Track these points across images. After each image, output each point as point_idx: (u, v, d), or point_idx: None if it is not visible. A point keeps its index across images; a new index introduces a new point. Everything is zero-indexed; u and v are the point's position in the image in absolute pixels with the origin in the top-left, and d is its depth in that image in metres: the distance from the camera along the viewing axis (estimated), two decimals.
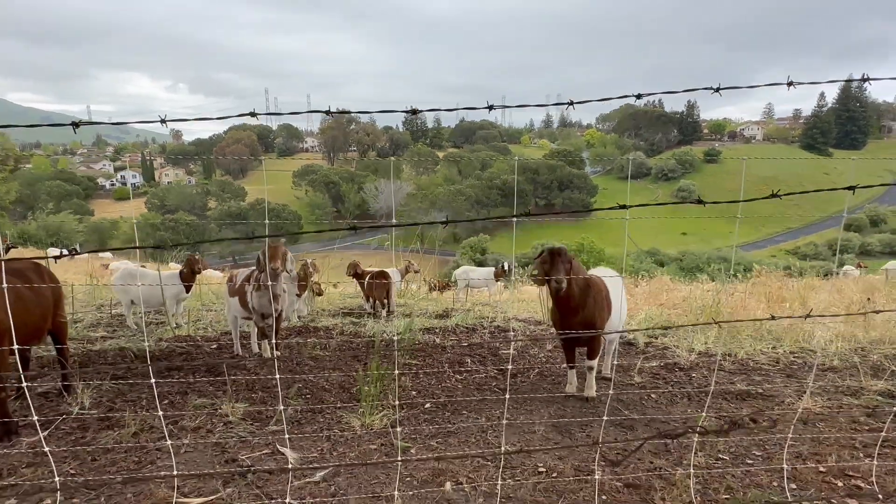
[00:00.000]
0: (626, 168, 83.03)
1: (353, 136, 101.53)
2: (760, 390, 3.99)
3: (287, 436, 2.96)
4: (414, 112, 1.46)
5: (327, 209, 70.42)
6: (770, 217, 67.89)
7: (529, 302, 8.97)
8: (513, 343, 5.43)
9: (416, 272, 9.02)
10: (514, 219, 1.72)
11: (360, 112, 1.54)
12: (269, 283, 4.31)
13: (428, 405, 3.69)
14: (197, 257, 6.33)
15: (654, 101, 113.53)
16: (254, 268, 4.71)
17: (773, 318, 1.99)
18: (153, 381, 2.15)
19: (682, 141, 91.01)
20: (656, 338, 5.70)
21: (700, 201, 1.60)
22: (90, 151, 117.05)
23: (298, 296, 6.80)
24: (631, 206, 2.84)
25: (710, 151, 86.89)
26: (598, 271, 3.83)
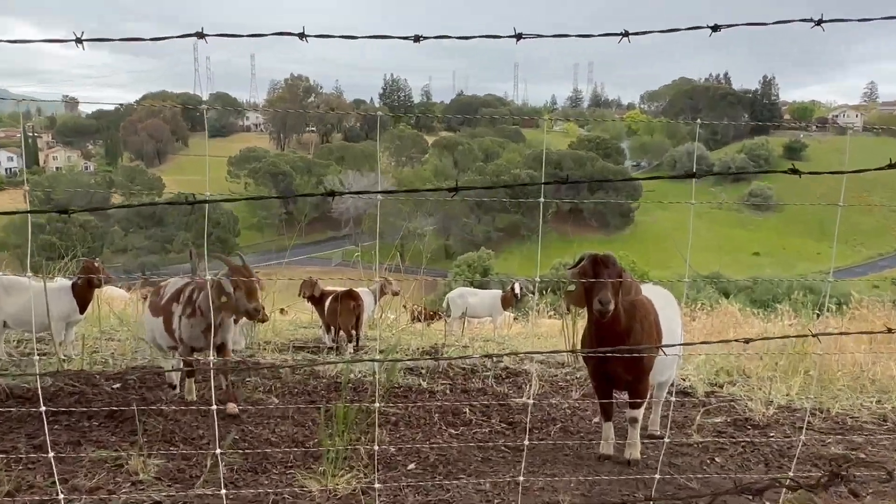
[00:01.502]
0: (678, 162, 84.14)
1: (312, 110, 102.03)
2: (862, 455, 4.05)
3: (223, 501, 2.95)
4: (417, 39, 1.51)
5: (274, 209, 70.49)
6: (871, 234, 68.94)
7: (549, 338, 9.03)
8: (528, 388, 5.45)
9: (394, 294, 9.07)
10: (541, 201, 1.77)
11: (323, 36, 1.55)
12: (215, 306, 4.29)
13: (412, 466, 3.70)
14: (97, 264, 6.32)
15: (719, 76, 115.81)
16: (188, 280, 4.67)
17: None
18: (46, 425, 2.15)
19: (754, 129, 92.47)
20: (721, 386, 5.76)
21: (795, 171, 1.64)
22: None
23: (235, 321, 6.79)
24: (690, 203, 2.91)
25: (792, 144, 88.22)
26: (644, 289, 3.89)
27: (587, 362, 3.85)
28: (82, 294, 6.24)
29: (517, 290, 11.10)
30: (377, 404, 2.67)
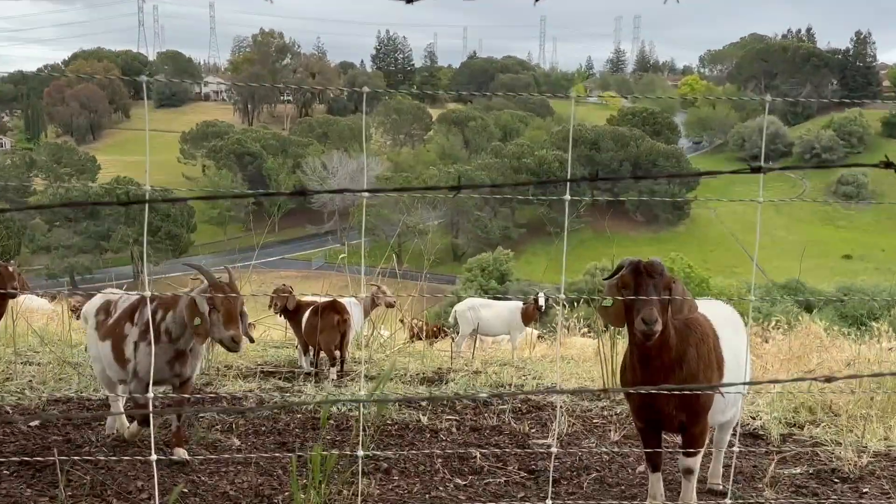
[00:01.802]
0: (746, 140, 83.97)
1: (288, 76, 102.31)
2: None
3: None
4: None
5: (239, 199, 70.66)
6: None
7: (581, 362, 9.02)
8: (554, 427, 5.41)
9: (389, 306, 9.10)
10: (567, 199, 1.73)
11: None
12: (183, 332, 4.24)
13: None
14: (11, 269, 6.32)
15: (800, 32, 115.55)
16: (140, 295, 4.58)
17: None
18: None
19: (844, 99, 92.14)
20: (801, 427, 5.72)
21: (889, 164, 1.61)
22: None
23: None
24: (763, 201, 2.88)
25: (893, 118, 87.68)
26: (701, 305, 3.85)
27: (628, 397, 3.81)
28: None
29: (541, 302, 11.08)
30: (361, 452, 2.64)
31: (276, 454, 4.58)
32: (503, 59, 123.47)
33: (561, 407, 6.10)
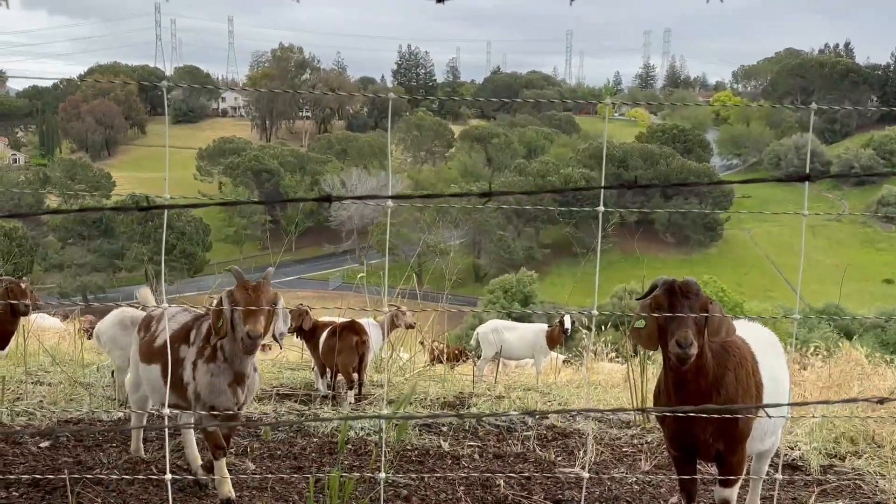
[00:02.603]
0: (782, 159, 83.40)
1: (306, 91, 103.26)
2: None
3: None
4: None
5: (256, 217, 71.27)
6: None
7: (609, 388, 8.95)
8: (582, 455, 5.36)
9: (408, 327, 9.09)
10: (601, 210, 1.71)
11: None
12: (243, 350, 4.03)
13: None
14: (24, 285, 6.39)
15: (837, 47, 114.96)
16: (199, 311, 4.46)
17: None
18: None
19: (885, 117, 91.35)
20: (843, 458, 5.64)
21: None
22: None
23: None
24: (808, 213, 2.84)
25: None
26: (739, 327, 3.81)
27: (663, 424, 3.76)
28: (3, 324, 6.33)
29: (567, 325, 11.01)
30: (383, 474, 2.61)
31: (293, 477, 4.56)
32: (528, 74, 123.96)
33: (590, 434, 6.04)
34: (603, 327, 12.20)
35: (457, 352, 12.66)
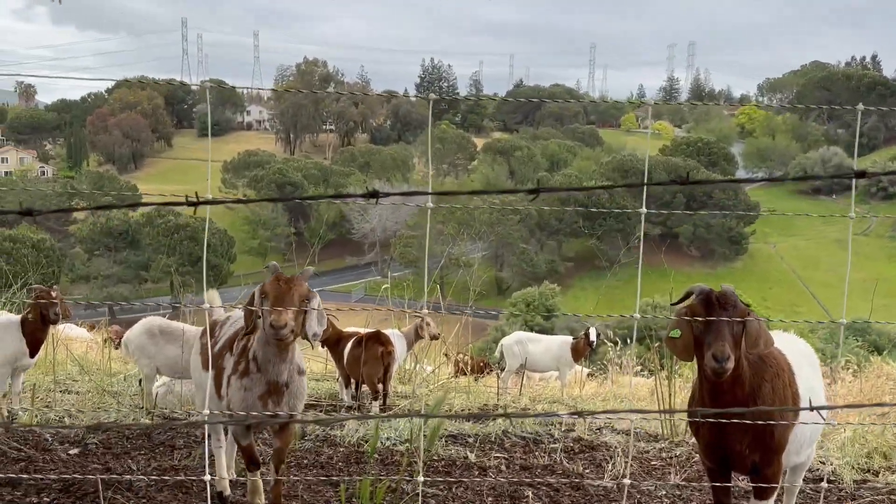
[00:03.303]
0: (808, 173, 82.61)
1: (330, 105, 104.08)
2: None
3: None
4: None
5: (280, 229, 71.68)
6: None
7: (636, 402, 8.89)
8: (610, 466, 5.31)
9: (433, 338, 9.07)
10: (643, 212, 1.70)
11: None
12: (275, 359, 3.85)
13: None
14: (54, 293, 6.44)
15: (864, 60, 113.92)
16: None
17: None
18: None
19: None
20: (876, 473, 5.55)
21: None
22: None
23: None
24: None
25: None
26: (774, 338, 3.76)
27: (698, 435, 3.71)
28: (34, 332, 6.34)
29: (592, 338, 10.95)
30: (421, 477, 2.58)
31: (320, 486, 4.56)
32: (551, 87, 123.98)
33: (616, 447, 5.99)
34: (628, 340, 12.13)
35: (481, 364, 12.62)
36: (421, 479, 2.57)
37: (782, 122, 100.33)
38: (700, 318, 3.32)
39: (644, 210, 2.23)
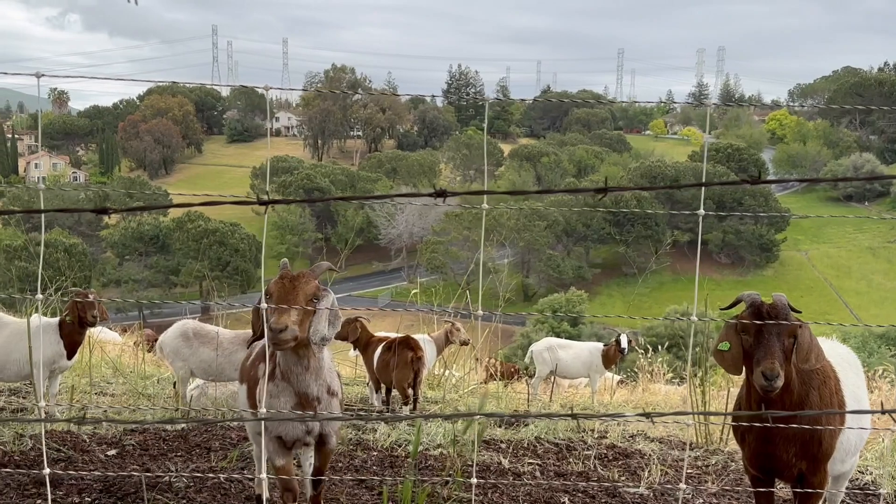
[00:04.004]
0: (838, 182, 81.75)
1: (358, 112, 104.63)
2: None
3: None
4: None
5: (307, 234, 72.06)
6: None
7: (670, 408, 8.81)
8: (647, 476, 5.26)
9: (463, 344, 9.07)
10: (701, 213, 1.68)
11: None
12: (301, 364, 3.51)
13: None
14: (92, 296, 6.52)
15: None
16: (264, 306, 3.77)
17: None
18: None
19: None
20: None
21: None
22: None
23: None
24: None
25: None
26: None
27: (743, 442, 3.67)
28: (71, 334, 6.43)
29: (623, 344, 10.86)
30: (475, 479, 2.56)
31: (355, 490, 4.56)
32: (578, 93, 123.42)
33: (650, 454, 5.94)
34: (659, 347, 12.02)
35: (511, 369, 12.59)
36: (474, 480, 2.55)
37: (813, 128, 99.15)
38: (749, 332, 3.27)
39: (702, 212, 2.21)
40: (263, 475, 3.76)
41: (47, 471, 2.22)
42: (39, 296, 2.67)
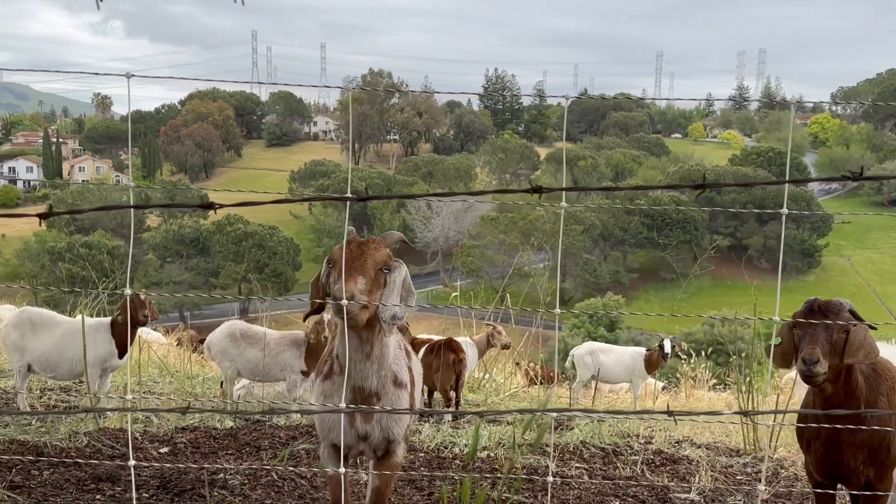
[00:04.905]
0: (885, 184, 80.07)
1: (395, 115, 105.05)
2: None
3: None
4: None
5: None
6: None
7: (713, 417, 8.71)
8: (697, 482, 5.22)
9: (504, 348, 9.07)
10: (784, 212, 1.68)
11: None
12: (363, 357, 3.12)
13: None
14: (144, 297, 6.64)
15: None
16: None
17: None
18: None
19: None
20: None
21: None
22: None
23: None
24: None
25: None
26: (882, 350, 3.67)
27: (809, 449, 3.63)
28: (123, 334, 6.56)
29: (666, 350, 10.76)
30: (551, 477, 2.56)
31: (407, 489, 4.58)
32: (615, 96, 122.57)
33: (699, 460, 5.89)
34: (703, 353, 11.89)
35: (551, 374, 12.53)
36: (550, 479, 2.55)
37: (857, 131, 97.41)
38: (801, 327, 3.28)
39: (785, 210, 2.18)
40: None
41: (132, 462, 2.27)
42: (128, 290, 2.69)
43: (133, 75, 2.01)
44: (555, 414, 2.23)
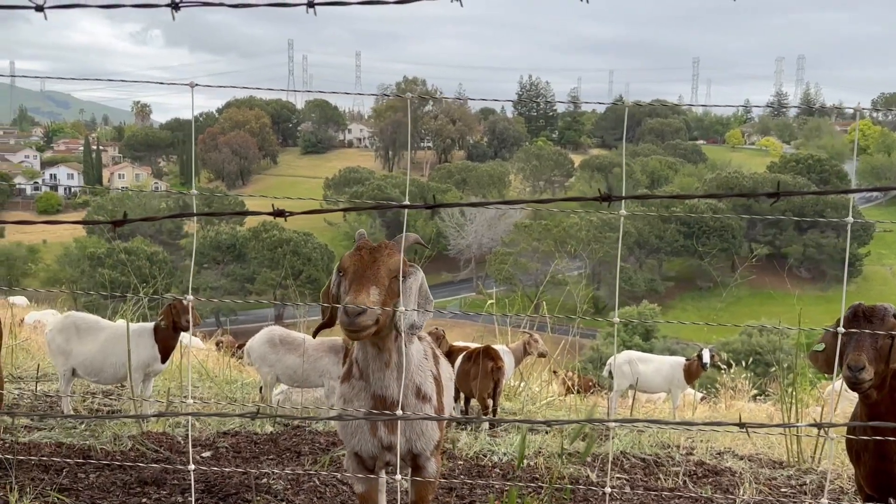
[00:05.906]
0: None
1: (429, 123, 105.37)
2: None
3: None
4: None
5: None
6: None
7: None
8: (742, 493, 5.15)
9: (541, 356, 9.03)
10: (850, 221, 1.66)
11: None
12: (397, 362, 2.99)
13: None
14: (186, 303, 6.73)
15: None
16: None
17: None
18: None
19: None
20: None
21: None
22: (6, 133, 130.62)
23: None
24: None
25: None
26: None
27: (858, 461, 3.57)
28: (165, 339, 6.66)
29: (705, 359, 10.62)
30: (608, 489, 2.54)
31: (446, 496, 4.57)
32: (651, 102, 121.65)
33: (741, 472, 5.81)
34: (743, 362, 11.73)
35: (589, 382, 12.46)
36: (608, 490, 2.53)
37: None
38: (843, 331, 3.23)
39: (850, 220, 2.16)
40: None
41: (192, 467, 2.29)
42: (190, 297, 2.72)
43: (197, 84, 2.06)
44: (615, 424, 2.21)
